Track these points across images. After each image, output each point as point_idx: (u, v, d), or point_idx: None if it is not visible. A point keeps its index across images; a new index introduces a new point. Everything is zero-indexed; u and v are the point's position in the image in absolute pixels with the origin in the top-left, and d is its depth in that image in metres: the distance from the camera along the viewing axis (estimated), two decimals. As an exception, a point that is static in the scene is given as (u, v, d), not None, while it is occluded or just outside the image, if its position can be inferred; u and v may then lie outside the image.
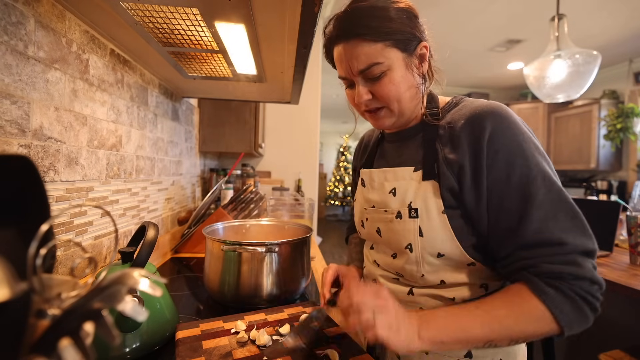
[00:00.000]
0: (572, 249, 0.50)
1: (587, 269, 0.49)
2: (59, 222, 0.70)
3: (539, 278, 0.50)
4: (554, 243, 0.50)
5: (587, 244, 0.50)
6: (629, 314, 1.47)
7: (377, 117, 0.64)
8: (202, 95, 1.47)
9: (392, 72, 0.58)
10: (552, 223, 0.51)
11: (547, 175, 0.53)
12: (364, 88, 0.60)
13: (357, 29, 0.57)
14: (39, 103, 0.63)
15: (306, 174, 2.85)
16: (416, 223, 0.61)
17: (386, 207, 0.66)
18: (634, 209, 1.73)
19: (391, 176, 0.67)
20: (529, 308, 0.50)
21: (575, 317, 0.49)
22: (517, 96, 5.15)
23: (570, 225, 0.51)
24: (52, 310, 0.27)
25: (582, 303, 0.48)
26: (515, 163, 0.53)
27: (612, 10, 2.78)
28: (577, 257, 0.49)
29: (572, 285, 0.49)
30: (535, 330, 0.49)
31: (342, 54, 0.60)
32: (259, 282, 0.82)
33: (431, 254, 0.60)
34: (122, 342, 0.58)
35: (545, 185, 0.52)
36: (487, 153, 0.54)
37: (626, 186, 3.93)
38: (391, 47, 0.57)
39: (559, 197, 0.52)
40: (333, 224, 7.72)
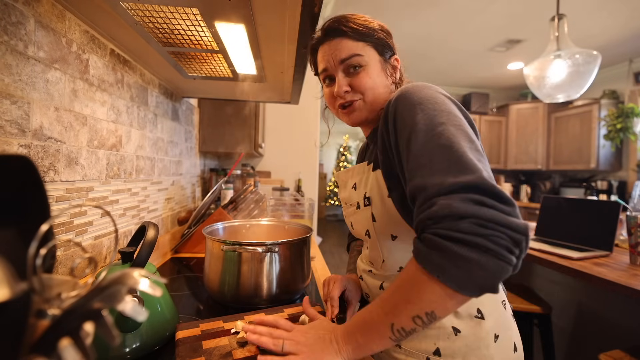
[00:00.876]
0: (434, 192, 0.44)
1: (443, 206, 0.42)
2: (59, 222, 0.70)
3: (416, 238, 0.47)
4: (418, 190, 0.46)
5: (458, 180, 0.43)
6: (629, 314, 1.47)
7: (350, 110, 0.68)
8: (202, 95, 1.47)
9: (370, 68, 0.65)
10: (422, 170, 0.47)
11: (431, 126, 0.49)
12: (344, 79, 0.66)
13: (342, 29, 0.65)
14: (39, 103, 0.63)
15: (306, 174, 2.85)
16: (369, 210, 0.66)
17: (351, 202, 0.73)
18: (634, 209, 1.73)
19: (353, 173, 0.75)
20: (406, 274, 0.47)
21: (446, 263, 0.41)
22: (517, 96, 5.15)
23: (444, 166, 0.45)
24: (52, 310, 0.27)
25: (447, 243, 0.40)
26: (405, 128, 0.53)
27: (612, 10, 2.78)
28: (437, 198, 0.43)
29: (434, 229, 0.42)
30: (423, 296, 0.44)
31: (327, 49, 0.67)
32: (259, 282, 0.82)
33: (385, 236, 0.65)
34: (122, 342, 0.58)
35: (426, 136, 0.49)
36: (393, 129, 0.56)
37: (626, 186, 3.93)
38: (370, 47, 0.66)
39: (439, 143, 0.47)
40: (333, 224, 7.72)
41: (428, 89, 0.56)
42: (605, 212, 1.56)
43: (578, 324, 1.70)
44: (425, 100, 0.53)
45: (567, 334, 1.75)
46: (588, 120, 4.06)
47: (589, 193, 4.02)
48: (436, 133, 0.49)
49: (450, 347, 0.58)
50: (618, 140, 3.75)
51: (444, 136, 0.48)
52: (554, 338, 1.69)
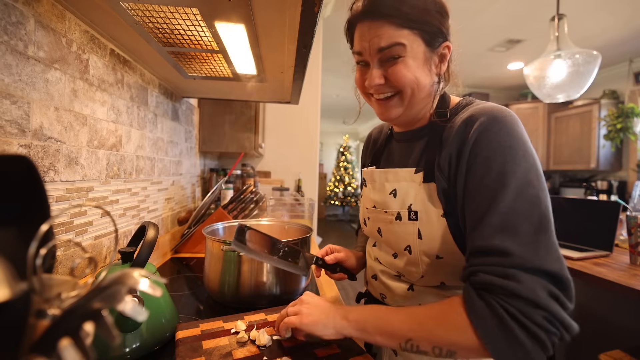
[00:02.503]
0: (517, 263, 0.43)
1: (530, 288, 0.42)
2: (59, 222, 0.70)
3: (473, 287, 0.46)
4: (498, 252, 0.45)
5: (544, 264, 0.43)
6: (629, 314, 1.47)
7: (385, 105, 0.62)
8: (202, 95, 1.47)
9: (410, 60, 0.56)
10: (508, 233, 0.46)
11: (525, 184, 0.48)
12: (378, 71, 0.58)
13: (387, 10, 0.55)
14: (39, 103, 0.63)
15: (306, 174, 2.85)
16: (415, 225, 0.60)
17: (386, 208, 0.66)
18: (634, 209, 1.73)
19: (392, 177, 0.66)
20: (453, 315, 0.47)
21: (501, 338, 0.42)
22: (517, 96, 5.15)
23: (531, 239, 0.45)
24: (52, 310, 0.27)
25: (515, 325, 0.41)
26: (493, 166, 0.50)
27: (612, 10, 2.77)
28: (519, 272, 0.43)
29: (504, 302, 0.43)
30: (456, 340, 0.46)
31: (366, 30, 0.57)
32: (259, 282, 0.82)
33: (429, 256, 0.59)
34: (122, 342, 0.58)
35: (516, 194, 0.47)
36: (469, 155, 0.53)
37: (626, 186, 3.93)
38: (416, 37, 0.56)
39: (529, 209, 0.46)
40: (333, 224, 7.72)
41: (519, 127, 0.52)
42: (605, 212, 1.56)
43: (578, 324, 1.70)
44: (518, 144, 0.50)
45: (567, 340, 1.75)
46: (588, 120, 4.06)
47: (589, 193, 4.02)
48: (528, 196, 0.47)
49: None
50: (618, 140, 3.75)
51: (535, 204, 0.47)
52: (554, 338, 1.69)
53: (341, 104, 6.63)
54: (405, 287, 0.66)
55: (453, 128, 0.58)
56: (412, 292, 0.65)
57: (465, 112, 0.59)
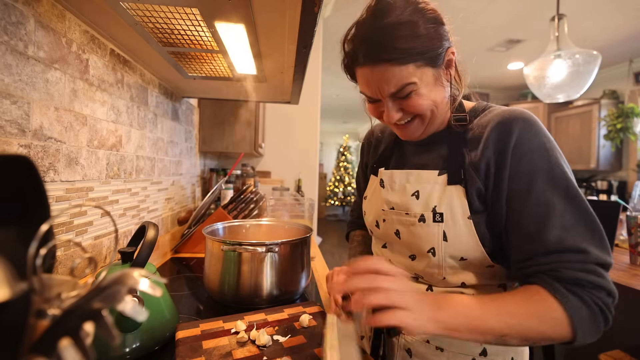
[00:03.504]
0: (593, 259, 0.50)
1: (607, 280, 0.49)
2: (59, 222, 0.70)
3: (559, 283, 0.50)
4: (576, 251, 0.50)
5: (606, 257, 0.50)
6: (629, 314, 1.47)
7: (407, 129, 0.62)
8: (202, 95, 1.47)
9: (423, 89, 0.56)
10: (573, 232, 0.51)
11: (571, 184, 0.53)
12: (393, 108, 0.58)
13: (386, 54, 0.52)
14: (39, 103, 0.63)
15: (306, 174, 2.85)
16: (441, 227, 0.60)
17: (408, 210, 0.64)
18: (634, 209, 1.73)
19: (414, 178, 0.65)
20: (548, 309, 0.49)
21: (589, 325, 0.48)
22: (517, 96, 5.15)
23: (591, 236, 0.51)
24: (52, 310, 0.27)
25: (599, 313, 0.49)
26: (539, 169, 0.53)
27: (612, 10, 2.77)
28: (597, 267, 0.50)
29: (591, 294, 0.49)
30: (550, 333, 0.49)
31: (370, 76, 0.56)
32: (259, 282, 0.82)
33: (454, 257, 0.60)
34: (122, 342, 0.58)
35: (568, 194, 0.52)
36: (512, 157, 0.55)
37: (626, 186, 3.93)
38: (422, 67, 0.54)
39: (581, 208, 0.52)
40: (333, 224, 7.71)
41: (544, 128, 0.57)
42: (605, 212, 1.55)
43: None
44: (554, 146, 0.55)
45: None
46: (588, 120, 4.06)
47: (589, 193, 4.02)
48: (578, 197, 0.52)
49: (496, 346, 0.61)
50: (618, 140, 3.75)
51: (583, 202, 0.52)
52: (554, 338, 1.69)
53: (341, 104, 6.63)
54: (423, 287, 0.67)
55: (481, 132, 0.59)
56: (430, 292, 0.66)
57: (487, 115, 0.61)
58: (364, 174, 0.88)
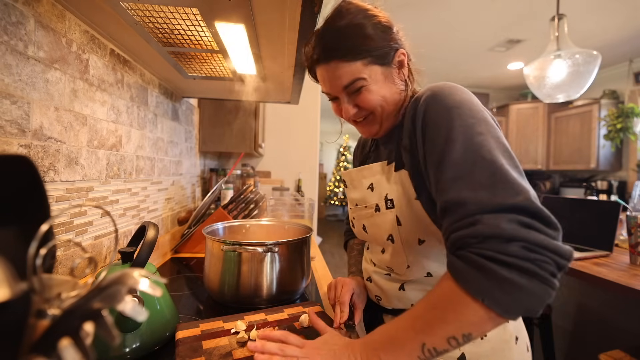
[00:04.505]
0: (475, 209, 0.42)
1: (492, 225, 0.40)
2: (59, 222, 0.70)
3: (450, 252, 0.44)
4: (456, 204, 0.44)
5: (506, 201, 0.41)
6: (629, 314, 1.47)
7: (363, 125, 0.66)
8: (202, 95, 1.47)
9: (373, 85, 0.60)
10: (461, 182, 0.45)
11: (472, 135, 0.47)
12: (348, 103, 0.63)
13: (335, 52, 0.58)
14: (39, 103, 0.63)
15: (306, 174, 2.85)
16: (393, 213, 0.62)
17: (366, 203, 0.69)
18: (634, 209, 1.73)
19: (368, 172, 0.70)
20: (443, 292, 0.43)
21: (491, 286, 0.39)
22: (517, 96, 5.15)
23: (486, 183, 0.43)
24: (52, 310, 0.27)
25: (494, 265, 0.39)
26: (440, 128, 0.51)
27: (612, 10, 2.77)
28: (481, 216, 0.41)
29: (476, 249, 0.41)
30: (461, 317, 0.41)
31: (325, 74, 0.62)
32: (259, 282, 0.82)
33: (411, 241, 0.61)
34: (122, 342, 0.58)
35: (464, 145, 0.47)
36: (422, 126, 0.55)
37: (626, 186, 3.93)
38: (370, 64, 0.59)
39: (480, 156, 0.45)
40: (333, 224, 7.71)
41: (462, 92, 0.54)
42: (605, 212, 1.55)
43: (578, 324, 1.70)
44: (461, 104, 0.51)
45: (567, 334, 1.75)
46: (588, 120, 4.06)
47: (589, 193, 4.02)
48: (476, 143, 0.46)
49: (476, 351, 0.58)
50: (618, 140, 3.75)
51: (485, 148, 0.46)
52: (554, 338, 1.69)
53: (341, 104, 6.62)
54: (396, 286, 0.67)
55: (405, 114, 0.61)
56: (403, 292, 0.66)
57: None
58: None
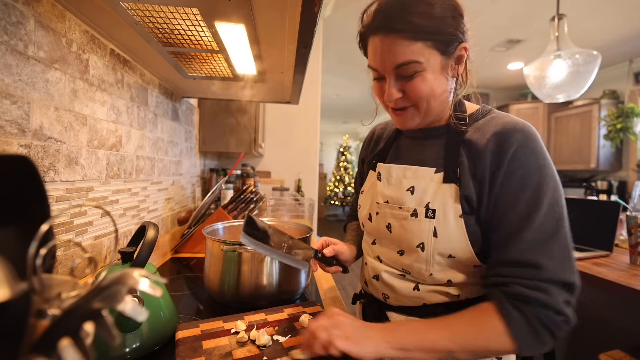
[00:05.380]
0: (548, 277, 0.50)
1: (556, 300, 0.50)
2: (59, 222, 0.70)
3: (507, 297, 0.52)
4: (531, 265, 0.51)
5: (567, 276, 0.51)
6: (629, 314, 1.47)
7: (402, 116, 0.63)
8: (202, 95, 1.47)
9: (427, 73, 0.56)
10: (540, 248, 0.52)
11: (554, 202, 0.54)
12: (395, 86, 0.59)
13: (399, 24, 0.54)
14: (39, 103, 0.63)
15: (306, 174, 2.85)
16: (432, 223, 0.61)
17: (402, 204, 0.66)
18: (634, 209, 1.73)
19: (411, 174, 0.67)
20: (490, 326, 0.52)
21: (531, 340, 0.50)
22: (517, 96, 5.15)
23: (558, 255, 0.52)
24: (52, 310, 0.27)
25: (542, 329, 0.50)
26: (529, 184, 0.54)
27: (612, 10, 2.77)
28: (550, 285, 0.50)
29: (536, 312, 0.50)
30: (494, 347, 0.52)
31: (379, 46, 0.57)
32: (259, 282, 0.82)
33: (442, 254, 0.61)
34: (122, 342, 0.58)
35: (549, 214, 0.53)
36: (506, 168, 0.56)
37: (626, 186, 3.93)
38: (431, 48, 0.55)
39: (558, 230, 0.53)
40: (333, 224, 7.71)
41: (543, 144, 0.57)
42: (605, 212, 1.55)
43: (578, 324, 1.70)
44: (547, 165, 0.55)
45: (567, 333, 1.75)
46: (588, 120, 4.06)
47: (589, 193, 4.02)
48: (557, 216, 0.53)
49: None
50: (618, 140, 3.75)
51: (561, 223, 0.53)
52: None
53: (341, 104, 6.63)
54: (411, 286, 0.66)
55: (481, 137, 0.60)
56: (417, 292, 0.66)
57: (490, 122, 0.61)
58: (361, 170, 0.90)
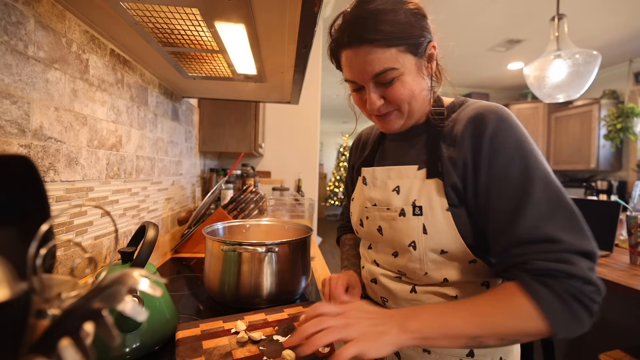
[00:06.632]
0: (566, 247, 0.48)
1: (581, 268, 0.47)
2: (59, 222, 0.70)
3: (529, 275, 0.49)
4: (547, 240, 0.49)
5: (584, 245, 0.48)
6: (629, 314, 1.47)
7: (386, 120, 0.64)
8: (202, 95, 1.47)
9: (404, 77, 0.58)
10: (548, 221, 0.50)
11: (547, 174, 0.52)
12: (375, 94, 0.60)
13: (370, 35, 0.55)
14: (39, 103, 0.63)
15: (306, 174, 2.85)
16: (420, 220, 0.61)
17: (389, 205, 0.66)
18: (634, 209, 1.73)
19: (395, 174, 0.67)
20: (516, 305, 0.48)
21: (566, 317, 0.46)
22: (517, 96, 5.15)
23: (568, 224, 0.49)
24: (52, 310, 0.27)
25: (574, 303, 0.46)
26: (514, 162, 0.53)
27: (612, 10, 2.77)
28: (571, 255, 0.47)
29: (564, 284, 0.47)
30: (524, 329, 0.47)
31: (354, 58, 0.58)
32: (259, 282, 0.82)
33: (434, 251, 0.60)
34: (122, 342, 0.58)
35: (543, 184, 0.52)
36: (488, 151, 0.55)
37: (626, 186, 3.93)
38: (404, 52, 0.57)
39: (558, 197, 0.51)
40: (333, 224, 7.71)
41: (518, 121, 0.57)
42: (605, 212, 1.55)
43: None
44: (527, 139, 0.55)
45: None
46: (588, 120, 4.06)
47: (589, 193, 4.02)
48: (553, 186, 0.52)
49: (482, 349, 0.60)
50: (618, 140, 3.75)
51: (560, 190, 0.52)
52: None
53: (341, 104, 6.63)
54: (408, 288, 0.66)
55: (458, 126, 0.60)
56: (414, 295, 0.65)
57: (465, 110, 0.61)
58: (351, 176, 0.88)
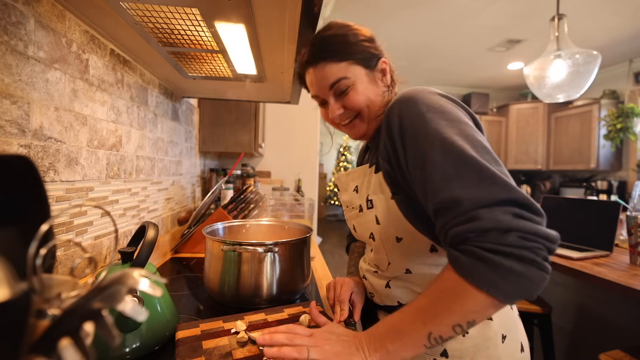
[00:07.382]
0: (470, 205, 0.44)
1: (493, 219, 0.42)
2: (59, 222, 0.70)
3: (450, 246, 0.47)
4: (451, 203, 0.46)
5: (496, 194, 0.44)
6: (629, 314, 1.47)
7: (351, 127, 0.69)
8: (202, 95, 1.47)
9: (357, 85, 0.65)
10: (450, 183, 0.47)
11: (448, 137, 0.50)
12: (335, 104, 0.66)
13: (324, 53, 0.64)
14: (39, 103, 0.63)
15: (306, 174, 2.85)
16: (373, 212, 0.66)
17: (353, 205, 0.73)
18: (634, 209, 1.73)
19: (356, 175, 0.74)
20: (447, 285, 0.46)
21: (495, 276, 0.42)
22: (517, 96, 5.15)
23: (476, 179, 0.46)
24: (52, 310, 0.27)
25: (496, 257, 0.42)
26: (418, 135, 0.53)
27: (612, 10, 2.77)
28: (477, 211, 0.44)
29: (478, 243, 0.43)
30: (466, 306, 0.44)
31: (313, 75, 0.66)
32: (259, 282, 0.82)
33: (390, 239, 0.64)
34: (122, 342, 0.58)
35: (443, 148, 0.49)
36: (398, 133, 0.57)
37: (626, 186, 3.93)
38: (354, 65, 0.64)
39: (461, 157, 0.48)
40: (333, 224, 7.71)
41: (431, 95, 0.56)
42: (605, 212, 1.55)
43: (578, 324, 1.70)
44: (433, 108, 0.54)
45: (567, 333, 1.75)
46: (588, 120, 4.06)
47: (589, 193, 4.02)
48: (454, 145, 0.49)
49: (458, 348, 0.59)
50: (618, 140, 3.75)
51: (463, 148, 0.48)
52: (554, 338, 1.69)
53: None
54: (383, 283, 0.70)
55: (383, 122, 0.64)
56: (389, 290, 0.68)
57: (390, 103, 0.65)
58: None
